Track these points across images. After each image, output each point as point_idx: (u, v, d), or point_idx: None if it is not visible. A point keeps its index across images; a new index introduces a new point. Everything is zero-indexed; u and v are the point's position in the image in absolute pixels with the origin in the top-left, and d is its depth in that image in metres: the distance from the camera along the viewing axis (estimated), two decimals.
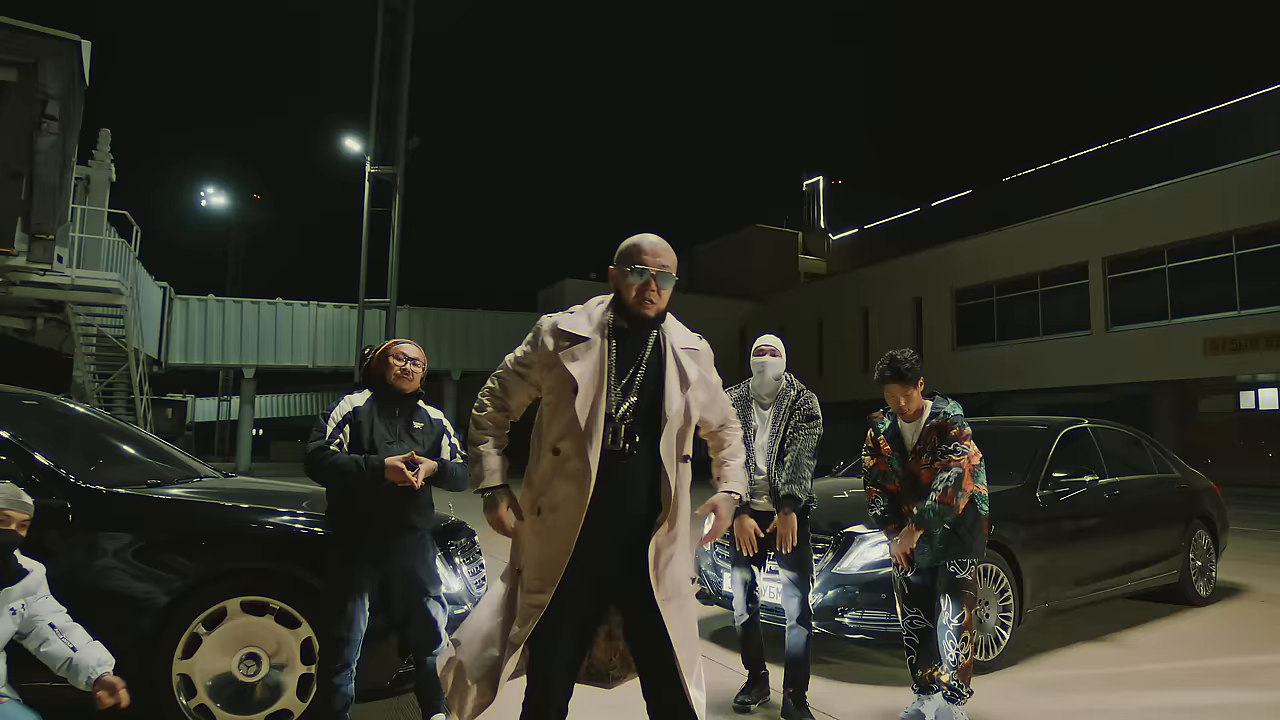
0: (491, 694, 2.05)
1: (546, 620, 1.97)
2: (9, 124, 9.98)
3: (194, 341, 25.15)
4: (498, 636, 2.07)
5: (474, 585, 3.50)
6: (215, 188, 48.62)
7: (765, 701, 3.52)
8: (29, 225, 9.48)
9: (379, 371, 3.03)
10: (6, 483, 2.45)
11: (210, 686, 2.87)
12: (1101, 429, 5.71)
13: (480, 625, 2.11)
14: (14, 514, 2.38)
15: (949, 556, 3.23)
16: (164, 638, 2.84)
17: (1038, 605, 4.48)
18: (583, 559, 1.95)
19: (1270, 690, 3.90)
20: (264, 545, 3.08)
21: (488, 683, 2.04)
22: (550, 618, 1.97)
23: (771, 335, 3.76)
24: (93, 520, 2.90)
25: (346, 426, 2.91)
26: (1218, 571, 6.19)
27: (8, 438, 2.99)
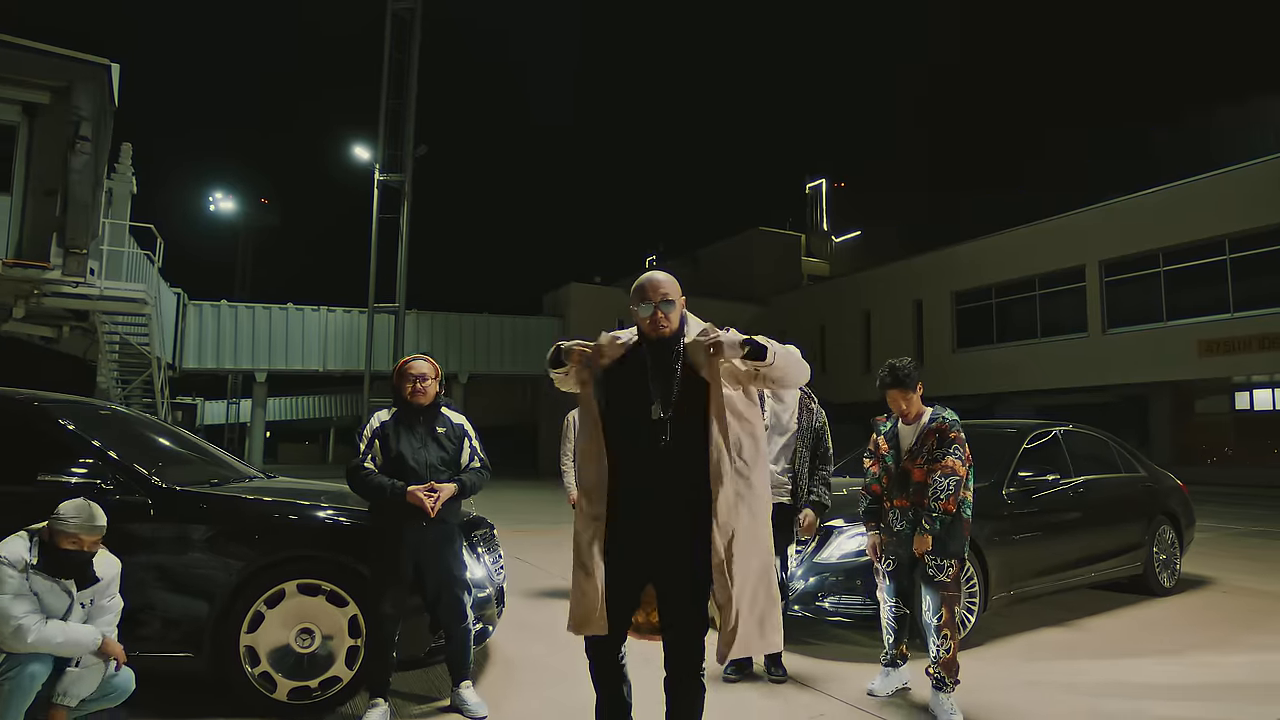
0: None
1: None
2: (44, 144, 10.52)
3: (207, 346, 25.63)
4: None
5: (494, 572, 3.98)
6: (224, 193, 49.17)
7: (749, 673, 4.02)
8: (64, 240, 10.01)
9: (397, 386, 3.50)
10: (80, 502, 2.81)
11: (271, 656, 3.35)
12: (1069, 432, 6.17)
13: None
14: (86, 538, 2.76)
15: (931, 555, 3.53)
16: (232, 615, 3.32)
17: (1002, 593, 4.93)
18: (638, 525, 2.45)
19: (1208, 669, 4.34)
20: (315, 536, 3.56)
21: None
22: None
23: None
24: (170, 515, 3.39)
25: (376, 442, 3.39)
26: (1182, 564, 6.63)
27: (99, 445, 3.49)
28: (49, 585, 2.70)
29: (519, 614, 5.15)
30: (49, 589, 2.70)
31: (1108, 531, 5.85)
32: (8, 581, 2.60)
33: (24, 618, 2.57)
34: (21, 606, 2.59)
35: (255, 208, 52.07)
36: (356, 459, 3.33)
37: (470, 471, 3.52)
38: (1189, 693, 3.88)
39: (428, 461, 3.38)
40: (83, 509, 2.76)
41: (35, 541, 2.72)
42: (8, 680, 2.56)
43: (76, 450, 3.46)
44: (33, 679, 2.59)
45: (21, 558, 2.66)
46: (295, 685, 3.36)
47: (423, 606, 3.42)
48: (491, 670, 4.10)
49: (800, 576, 4.52)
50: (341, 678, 3.40)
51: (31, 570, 2.66)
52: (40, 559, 2.69)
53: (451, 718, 3.39)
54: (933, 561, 3.51)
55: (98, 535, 2.79)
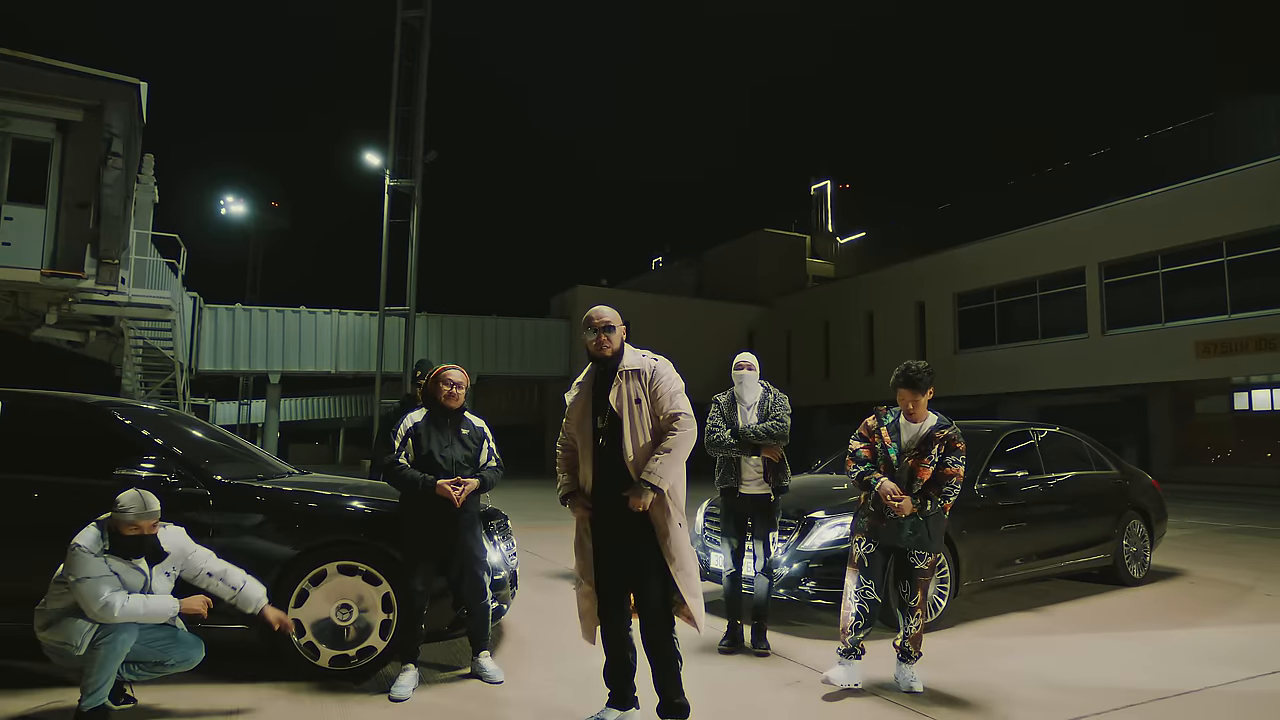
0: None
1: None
2: (76, 159, 11.06)
3: (223, 348, 26.16)
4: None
5: (508, 558, 4.45)
6: (235, 196, 49.79)
7: (740, 645, 4.50)
8: (97, 251, 10.54)
9: (432, 392, 3.97)
10: (134, 492, 3.25)
11: (315, 628, 3.83)
12: (1042, 432, 6.61)
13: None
14: (145, 524, 3.23)
15: (913, 547, 3.85)
16: (281, 592, 3.79)
17: (973, 580, 5.37)
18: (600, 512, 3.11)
19: (1157, 645, 4.77)
20: (352, 523, 4.04)
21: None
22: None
23: (748, 353, 4.84)
24: (227, 505, 3.87)
25: (410, 440, 3.87)
26: (1153, 557, 7.04)
27: (162, 443, 3.98)
28: (124, 565, 3.18)
29: (530, 599, 5.62)
30: (125, 569, 3.18)
31: (1077, 525, 6.28)
32: (91, 565, 3.08)
33: (109, 595, 3.05)
34: (106, 586, 3.07)
35: (266, 211, 52.76)
36: (392, 455, 3.81)
37: (488, 469, 4.00)
38: (1136, 664, 4.32)
39: (453, 459, 3.85)
40: (136, 499, 3.21)
41: (105, 531, 3.20)
42: (103, 645, 3.05)
43: (144, 448, 3.95)
44: (123, 644, 3.08)
45: (98, 544, 3.14)
46: (336, 654, 3.85)
47: (447, 586, 3.89)
48: (506, 646, 4.57)
49: (785, 563, 4.97)
50: (376, 647, 3.88)
51: (107, 555, 3.14)
52: (112, 545, 3.17)
53: (472, 683, 3.87)
54: (915, 553, 3.86)
55: (154, 520, 3.25)
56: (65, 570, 3.10)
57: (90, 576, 3.07)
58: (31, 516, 3.85)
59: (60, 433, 4.23)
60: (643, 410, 3.08)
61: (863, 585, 3.90)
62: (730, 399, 4.70)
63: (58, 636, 3.08)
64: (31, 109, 10.94)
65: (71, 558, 3.08)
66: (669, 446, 3.03)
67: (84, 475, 3.90)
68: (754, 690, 3.87)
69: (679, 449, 3.05)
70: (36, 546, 3.67)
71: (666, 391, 3.11)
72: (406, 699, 3.60)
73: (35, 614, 3.16)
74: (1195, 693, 3.82)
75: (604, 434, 3.09)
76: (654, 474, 2.98)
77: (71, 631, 3.06)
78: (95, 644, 3.05)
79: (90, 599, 3.03)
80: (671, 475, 3.03)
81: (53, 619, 3.11)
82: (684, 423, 3.08)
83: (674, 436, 3.05)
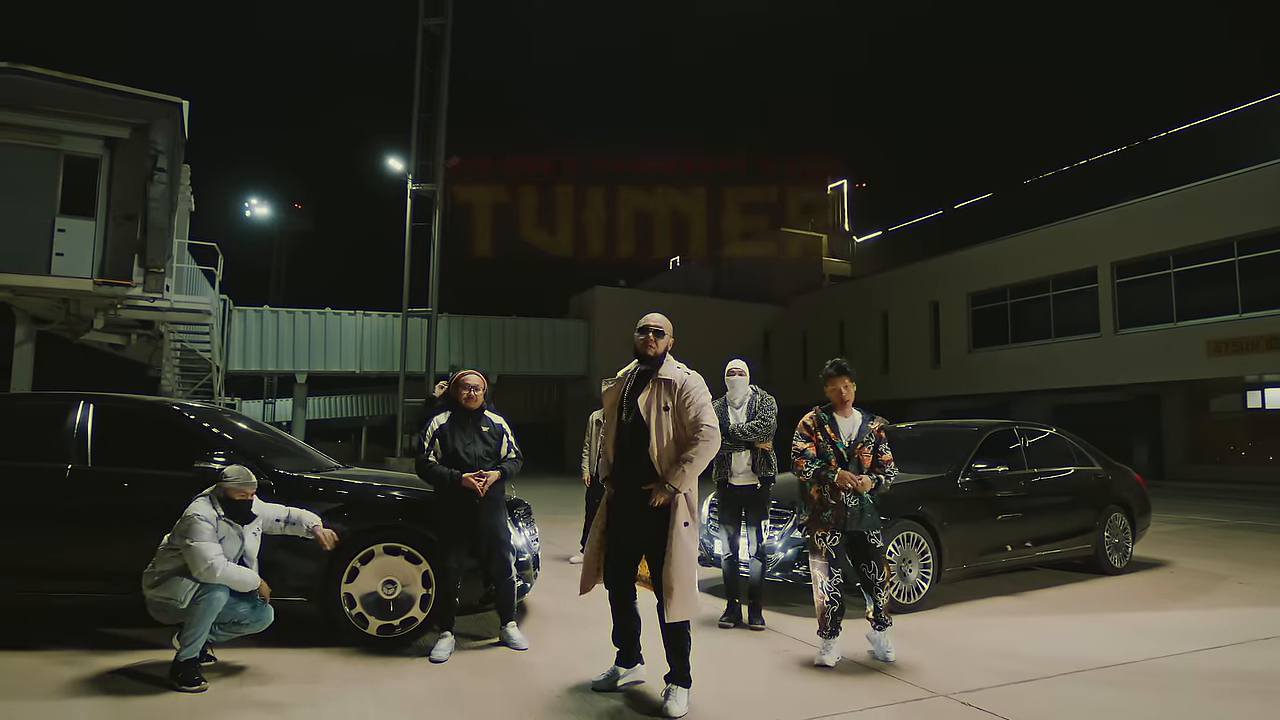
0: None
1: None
2: (123, 174, 11.78)
3: (251, 349, 26.98)
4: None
5: (531, 542, 5.01)
6: (260, 199, 50.80)
7: (739, 621, 5.03)
8: (144, 260, 11.25)
9: (454, 395, 4.54)
10: (238, 467, 3.99)
11: (364, 601, 4.41)
12: (1026, 430, 7.07)
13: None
14: (248, 490, 3.94)
15: (870, 528, 4.31)
16: (334, 570, 4.37)
17: (955, 566, 5.85)
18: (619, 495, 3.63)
19: (1121, 624, 5.24)
20: (395, 510, 4.63)
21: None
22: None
23: (739, 360, 5.34)
24: (288, 494, 4.45)
25: (437, 440, 4.44)
26: (1135, 549, 7.47)
27: (231, 440, 4.57)
28: (228, 529, 3.84)
29: (549, 582, 6.18)
30: (228, 533, 3.83)
31: (1058, 517, 6.74)
32: (205, 531, 3.71)
33: (215, 559, 3.66)
34: (214, 550, 3.68)
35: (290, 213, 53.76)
36: (423, 454, 4.38)
37: (508, 461, 4.56)
38: (1094, 639, 4.79)
39: (475, 454, 4.42)
40: (243, 471, 3.94)
41: (215, 499, 3.84)
42: (202, 601, 3.65)
43: (216, 444, 4.55)
44: (218, 602, 3.69)
45: (211, 512, 3.76)
46: (382, 623, 4.42)
47: (478, 565, 4.45)
48: (529, 620, 5.13)
49: (780, 549, 5.49)
50: (417, 618, 4.45)
51: (219, 519, 3.78)
52: (223, 510, 3.82)
53: (501, 650, 4.42)
54: (873, 534, 4.35)
55: (253, 488, 3.96)
56: (177, 536, 3.73)
57: (202, 541, 3.70)
58: (123, 502, 4.46)
59: (141, 431, 4.84)
60: (669, 416, 3.56)
61: (833, 575, 4.31)
62: (723, 402, 5.18)
63: (164, 593, 3.69)
64: (82, 127, 11.67)
65: (188, 525, 3.72)
66: (691, 456, 3.48)
67: (166, 467, 4.51)
68: (750, 660, 4.39)
69: (700, 458, 3.50)
70: (130, 528, 4.30)
71: (695, 403, 3.56)
72: (445, 660, 4.17)
73: (144, 576, 3.77)
74: (1135, 663, 4.30)
75: (629, 429, 3.62)
76: (676, 478, 3.48)
77: (177, 589, 3.67)
78: (196, 600, 3.66)
79: (199, 560, 3.65)
80: (690, 482, 3.54)
81: (160, 579, 3.72)
82: (707, 434, 3.52)
83: (696, 446, 3.49)
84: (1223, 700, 3.75)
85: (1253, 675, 4.14)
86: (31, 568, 4.36)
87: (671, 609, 3.44)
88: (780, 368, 32.92)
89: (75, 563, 4.39)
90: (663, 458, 3.52)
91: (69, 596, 4.43)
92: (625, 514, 3.63)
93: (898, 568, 5.45)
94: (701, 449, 3.51)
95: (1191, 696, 3.80)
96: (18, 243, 11.45)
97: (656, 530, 3.51)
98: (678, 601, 3.43)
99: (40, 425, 4.67)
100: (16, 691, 3.66)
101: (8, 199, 11.45)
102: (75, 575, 4.39)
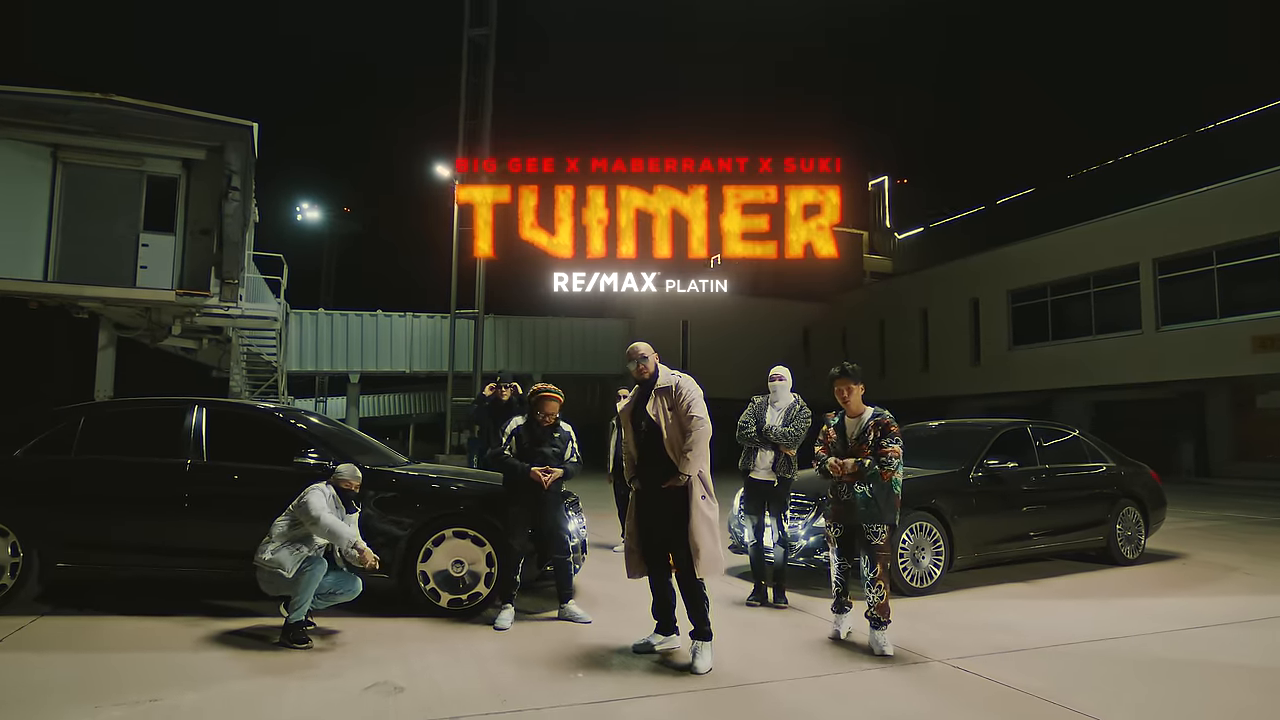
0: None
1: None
2: (198, 192, 12.78)
3: (307, 350, 28.20)
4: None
5: (581, 529, 5.68)
6: (310, 203, 52.39)
7: (764, 600, 5.64)
8: (220, 273, 12.23)
9: (532, 411, 5.22)
10: (350, 465, 4.79)
11: (436, 578, 5.12)
12: (1040, 428, 7.52)
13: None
14: (354, 483, 4.71)
15: (868, 521, 4.59)
16: (411, 550, 5.09)
17: (966, 555, 6.36)
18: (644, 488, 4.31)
19: (1120, 609, 5.70)
20: (463, 499, 5.34)
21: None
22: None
23: (781, 366, 5.89)
24: (373, 486, 5.17)
25: (514, 439, 5.12)
26: (1146, 540, 7.84)
27: (321, 438, 5.32)
28: (337, 508, 4.60)
29: (594, 567, 6.84)
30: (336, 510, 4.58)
31: (1069, 510, 7.18)
32: (320, 497, 4.54)
33: (322, 509, 4.49)
34: (323, 505, 4.48)
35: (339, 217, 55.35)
36: (500, 449, 5.09)
37: (570, 463, 5.24)
38: (1086, 619, 5.28)
39: (544, 453, 5.10)
40: (354, 469, 4.78)
41: (330, 489, 4.63)
42: (306, 571, 4.40)
43: (310, 443, 5.31)
44: (320, 571, 4.45)
45: (327, 492, 4.59)
46: (451, 597, 5.13)
47: (536, 547, 5.14)
48: (577, 598, 5.78)
49: (804, 537, 6.07)
50: (482, 593, 5.16)
51: (331, 498, 4.58)
52: (338, 497, 4.63)
53: (555, 623, 5.08)
54: (870, 528, 4.68)
55: (360, 480, 4.76)
56: (299, 512, 4.51)
57: (315, 499, 4.51)
58: (233, 492, 5.24)
59: (245, 431, 5.63)
60: (673, 416, 4.31)
61: (840, 557, 4.83)
62: (764, 401, 5.81)
63: (273, 566, 4.44)
64: (163, 150, 12.71)
65: (307, 494, 4.54)
66: (690, 445, 4.21)
67: (268, 462, 5.27)
68: (771, 632, 5.00)
69: (697, 444, 4.22)
70: (239, 514, 5.08)
71: (686, 400, 4.32)
72: (507, 629, 4.86)
73: (259, 549, 4.52)
74: (1121, 638, 4.80)
75: (646, 434, 4.35)
76: (684, 466, 4.20)
77: (286, 560, 4.42)
78: (300, 571, 4.40)
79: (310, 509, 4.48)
80: (697, 465, 4.22)
81: (270, 554, 4.47)
82: (697, 423, 4.26)
83: (692, 436, 4.23)
84: (1186, 667, 4.24)
85: (1222, 649, 4.60)
86: (159, 547, 5.17)
87: (699, 566, 4.17)
88: (820, 365, 33.02)
89: (195, 543, 5.19)
90: (674, 448, 4.26)
91: (189, 571, 5.24)
92: (651, 504, 4.33)
93: (911, 555, 5.99)
94: (696, 436, 4.25)
95: (1159, 664, 4.29)
96: (107, 257, 12.54)
97: (678, 513, 4.22)
98: (702, 560, 4.17)
99: (163, 426, 5.48)
100: (160, 645, 4.44)
101: (98, 217, 12.55)
102: (195, 554, 5.20)
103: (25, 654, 4.30)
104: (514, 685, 3.85)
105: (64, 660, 4.20)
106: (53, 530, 5.15)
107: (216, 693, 3.72)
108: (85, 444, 5.41)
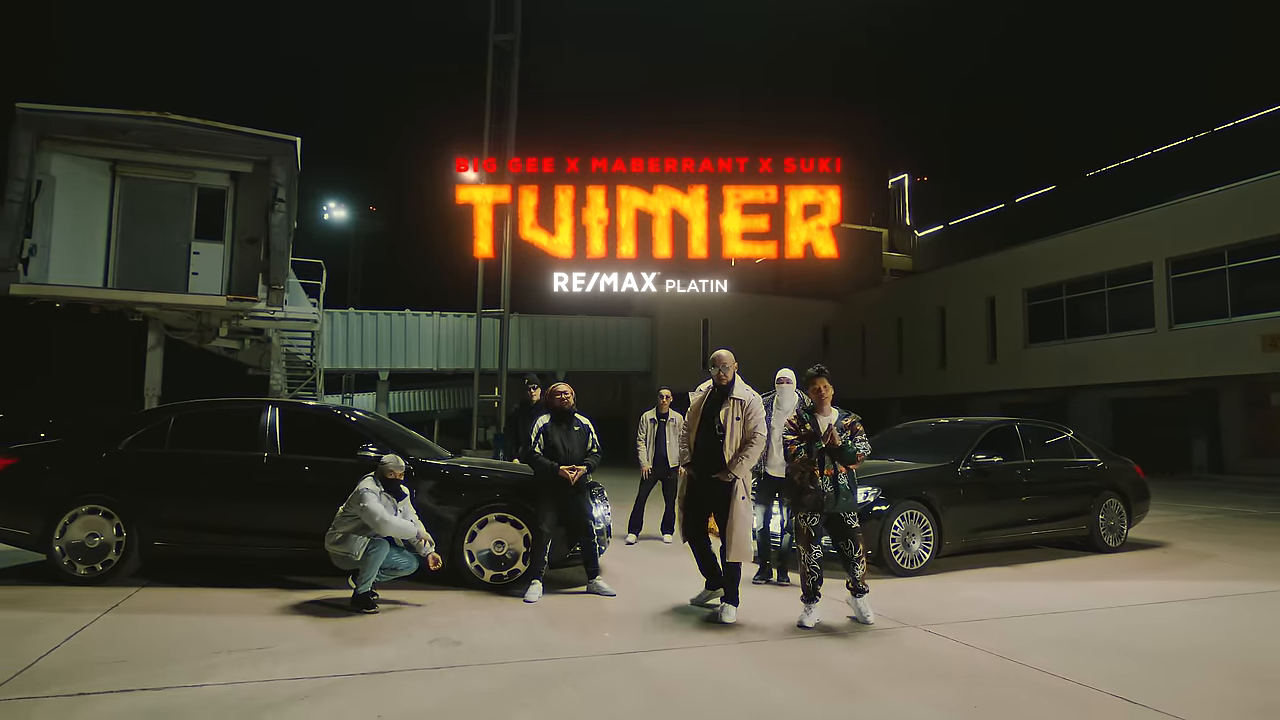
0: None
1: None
2: (245, 203, 13.66)
3: (338, 348, 29.15)
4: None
5: (605, 514, 6.42)
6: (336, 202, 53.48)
7: (769, 579, 6.34)
8: (268, 279, 13.11)
9: (549, 402, 5.96)
10: (393, 456, 5.52)
11: (480, 556, 5.89)
12: (1029, 426, 8.15)
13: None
14: (398, 472, 5.44)
15: (846, 510, 5.16)
16: (459, 532, 5.86)
17: (954, 541, 7.02)
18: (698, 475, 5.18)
19: (1090, 589, 6.33)
20: (502, 488, 6.09)
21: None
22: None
23: (788, 370, 6.53)
24: (424, 476, 5.94)
25: (541, 436, 5.86)
26: (1129, 530, 8.44)
27: (377, 434, 6.10)
28: (388, 501, 5.33)
29: (617, 550, 7.59)
30: (387, 503, 5.33)
31: (1052, 501, 7.81)
32: (373, 498, 5.24)
33: (384, 513, 5.19)
34: (384, 510, 5.19)
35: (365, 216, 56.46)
36: (530, 446, 5.83)
37: (592, 456, 5.97)
38: (1053, 597, 5.92)
39: (569, 448, 5.84)
40: (398, 460, 5.51)
41: (377, 479, 5.34)
42: (371, 552, 5.17)
43: (368, 438, 6.08)
44: (383, 552, 5.21)
45: (376, 487, 5.31)
46: (493, 573, 5.90)
47: (565, 530, 5.88)
48: (603, 576, 6.52)
49: None
50: (520, 569, 5.91)
51: (381, 494, 5.27)
52: (382, 487, 5.33)
53: (583, 595, 5.82)
54: (848, 516, 5.25)
55: (403, 470, 5.50)
56: (353, 504, 5.23)
57: (374, 504, 5.22)
58: (305, 481, 6.03)
59: (313, 427, 6.42)
60: (739, 425, 5.20)
61: (813, 550, 5.13)
62: (769, 401, 6.34)
63: (343, 549, 5.21)
64: (212, 164, 13.60)
65: (360, 496, 5.25)
66: (748, 452, 5.19)
67: (334, 455, 6.06)
68: (772, 602, 5.69)
69: (754, 453, 5.23)
70: (311, 500, 5.86)
71: (755, 417, 5.28)
72: (536, 601, 5.61)
73: (327, 535, 5.30)
74: (1079, 611, 5.45)
75: (708, 432, 5.25)
76: (737, 467, 5.14)
77: (353, 546, 5.19)
78: (366, 552, 5.17)
79: (373, 516, 5.18)
80: (745, 470, 5.19)
81: (341, 538, 5.24)
82: (760, 439, 5.24)
83: (751, 446, 5.20)
84: (1125, 632, 4.89)
85: (1162, 621, 5.24)
86: (241, 528, 5.99)
87: (731, 553, 5.11)
88: (839, 363, 33.68)
89: (272, 525, 5.99)
90: (732, 449, 5.17)
91: (266, 551, 6.04)
92: (703, 489, 5.25)
93: (902, 540, 6.66)
94: (754, 447, 5.24)
95: (1102, 627, 4.94)
96: (162, 265, 13.46)
97: (722, 500, 5.15)
98: (735, 547, 5.10)
99: (242, 424, 6.29)
100: (250, 610, 5.24)
101: (153, 227, 13.48)
102: (272, 534, 6.00)
103: (138, 615, 5.11)
104: (552, 641, 4.60)
105: (173, 620, 5.01)
106: (150, 513, 5.98)
107: (310, 644, 4.50)
108: (176, 439, 6.24)
